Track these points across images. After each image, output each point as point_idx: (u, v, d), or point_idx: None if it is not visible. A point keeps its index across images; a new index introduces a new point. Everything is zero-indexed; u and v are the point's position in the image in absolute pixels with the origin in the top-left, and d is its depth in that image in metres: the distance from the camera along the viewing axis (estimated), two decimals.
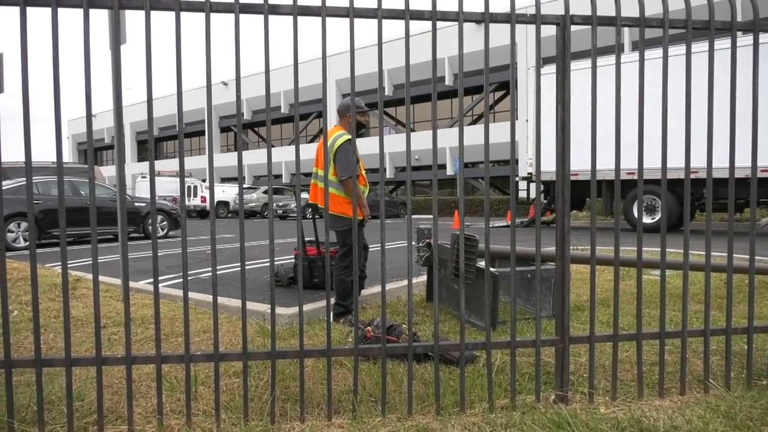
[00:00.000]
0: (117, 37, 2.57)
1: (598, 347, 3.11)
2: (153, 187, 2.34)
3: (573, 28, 2.51)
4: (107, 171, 33.69)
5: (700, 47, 9.19)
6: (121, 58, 2.44)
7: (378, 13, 2.33)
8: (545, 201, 15.03)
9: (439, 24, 2.42)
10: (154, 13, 2.24)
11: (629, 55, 11.71)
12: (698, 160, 3.06)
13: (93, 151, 2.31)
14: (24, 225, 10.58)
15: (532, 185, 16.28)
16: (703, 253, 2.73)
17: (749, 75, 2.65)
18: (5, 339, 2.24)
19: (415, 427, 2.24)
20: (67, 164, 14.92)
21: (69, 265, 2.69)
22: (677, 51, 9.92)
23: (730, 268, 2.71)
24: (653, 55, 9.53)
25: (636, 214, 13.36)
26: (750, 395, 2.51)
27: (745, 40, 3.57)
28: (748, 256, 2.75)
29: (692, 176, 2.64)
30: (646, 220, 12.76)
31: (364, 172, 4.35)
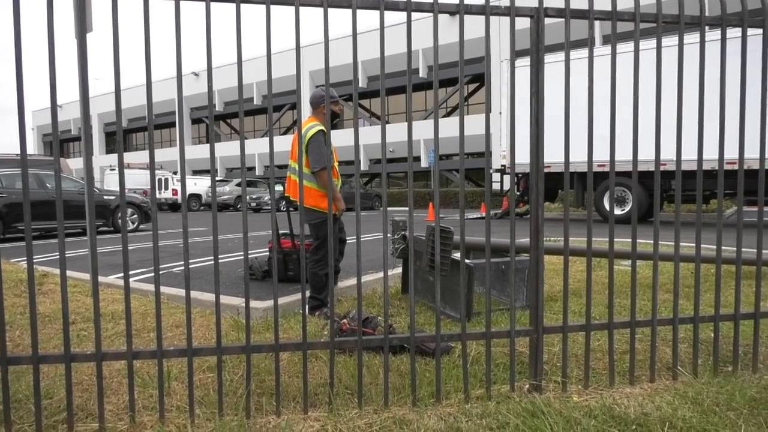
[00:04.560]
0: (83, 25, 2.49)
1: (570, 337, 3.16)
2: (122, 179, 2.28)
3: (546, 21, 2.53)
4: (74, 163, 32.86)
5: (670, 41, 9.39)
6: (87, 47, 2.37)
7: (353, 3, 2.31)
8: (518, 193, 15.19)
9: (413, 16, 2.41)
10: (121, 1, 2.18)
11: (601, 49, 11.87)
12: (667, 153, 3.12)
13: (58, 142, 2.24)
14: None
15: (506, 177, 16.43)
16: (672, 243, 2.79)
17: (718, 68, 2.71)
18: None
19: (392, 419, 2.24)
20: (32, 156, 14.50)
21: (36, 260, 2.61)
22: (648, 45, 10.08)
23: (698, 258, 2.78)
24: (625, 48, 9.68)
25: (606, 206, 13.63)
26: (716, 381, 2.59)
27: (713, 35, 3.64)
28: (714, 247, 2.82)
29: (661, 168, 2.69)
30: (616, 211, 13.02)
31: (337, 165, 4.31)
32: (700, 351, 2.95)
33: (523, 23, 2.63)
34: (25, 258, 2.22)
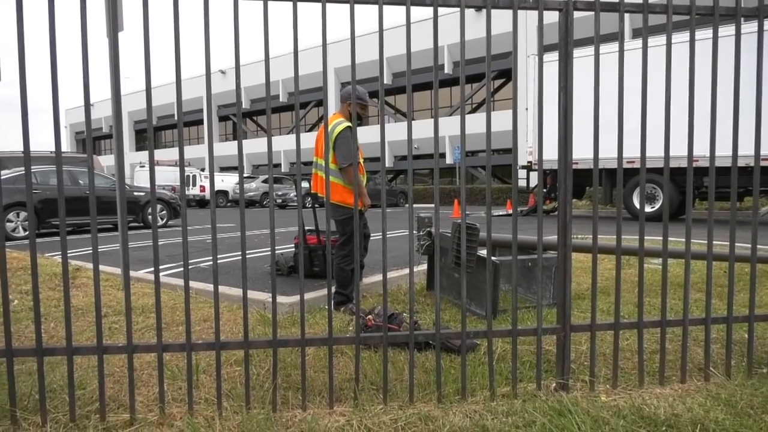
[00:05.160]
0: (114, 25, 2.54)
1: (598, 335, 3.12)
2: (153, 176, 2.32)
3: (575, 14, 2.48)
4: (106, 160, 33.59)
5: (704, 34, 9.15)
6: (118, 46, 2.42)
7: None
8: (545, 190, 15.03)
9: (438, 12, 2.39)
10: (152, 0, 2.21)
11: (631, 43, 11.64)
12: (700, 149, 3.04)
13: (91, 140, 2.29)
14: (23, 215, 10.56)
15: (532, 174, 16.26)
16: (703, 241, 2.73)
17: (754, 62, 2.63)
18: (6, 328, 2.24)
19: (417, 415, 2.24)
20: (66, 153, 14.88)
21: (69, 255, 2.68)
22: (681, 38, 9.82)
23: (732, 256, 2.71)
24: (656, 42, 9.46)
25: (636, 203, 13.34)
26: (750, 383, 2.52)
27: (749, 27, 3.54)
28: (749, 245, 2.74)
29: (694, 165, 2.62)
30: (647, 209, 12.77)
31: (362, 161, 4.32)
32: (734, 352, 2.88)
33: (551, 17, 2.59)
34: (59, 252, 2.28)
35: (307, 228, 5.37)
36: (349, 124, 4.04)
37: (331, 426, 2.16)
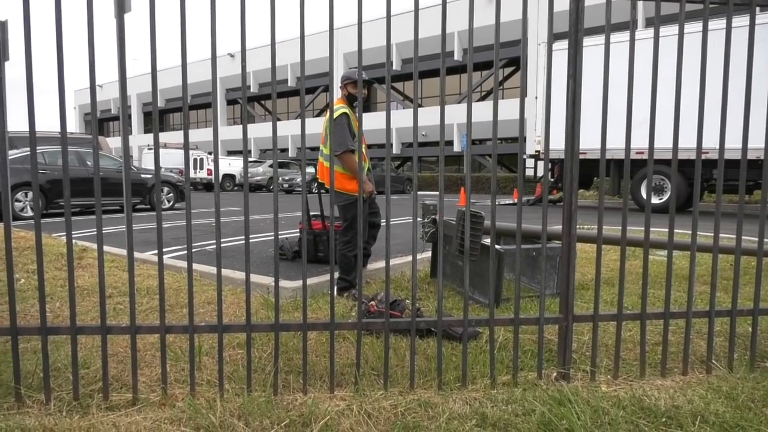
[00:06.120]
0: (121, 5, 2.52)
1: (601, 326, 3.11)
2: (157, 158, 2.32)
3: (586, 1, 2.45)
4: (113, 142, 33.65)
5: (717, 24, 9.02)
6: (125, 27, 2.40)
7: None
8: (552, 179, 14.95)
9: None
10: None
11: (642, 32, 11.49)
12: (709, 141, 3.00)
13: (97, 121, 2.29)
14: (31, 194, 10.61)
15: (539, 163, 16.18)
16: (710, 234, 2.70)
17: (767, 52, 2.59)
18: (11, 306, 2.25)
19: (417, 401, 2.25)
20: (73, 134, 14.91)
21: (75, 235, 2.69)
22: (693, 28, 9.69)
23: (738, 249, 2.69)
24: (668, 32, 9.33)
25: (643, 195, 13.24)
26: (752, 377, 2.51)
27: (763, 17, 3.48)
28: (755, 238, 2.72)
29: (702, 157, 2.59)
30: (654, 200, 12.69)
31: (364, 148, 4.31)
32: (737, 345, 2.87)
33: (562, 4, 2.55)
34: (65, 232, 2.29)
35: (312, 213, 5.36)
36: (345, 110, 4.04)
37: (332, 410, 2.17)
